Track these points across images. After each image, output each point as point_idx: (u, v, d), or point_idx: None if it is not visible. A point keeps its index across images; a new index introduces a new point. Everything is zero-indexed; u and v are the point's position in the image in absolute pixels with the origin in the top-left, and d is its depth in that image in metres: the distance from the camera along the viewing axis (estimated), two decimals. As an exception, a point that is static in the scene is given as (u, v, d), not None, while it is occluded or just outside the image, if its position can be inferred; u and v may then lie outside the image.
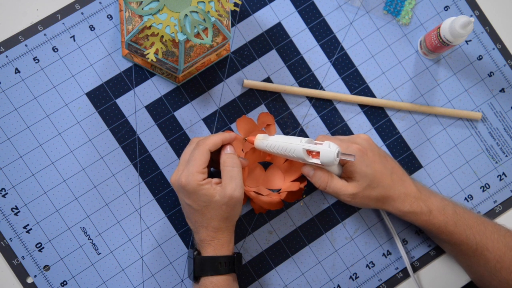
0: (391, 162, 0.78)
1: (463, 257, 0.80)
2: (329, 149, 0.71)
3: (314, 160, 0.73)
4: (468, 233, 0.77)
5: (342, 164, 0.77)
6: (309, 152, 0.74)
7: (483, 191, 0.87)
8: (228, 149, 0.75)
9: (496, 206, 0.87)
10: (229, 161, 0.73)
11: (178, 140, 0.84)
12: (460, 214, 0.78)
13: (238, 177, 0.73)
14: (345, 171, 0.77)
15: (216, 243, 0.74)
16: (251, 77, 0.85)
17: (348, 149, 0.75)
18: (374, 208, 0.82)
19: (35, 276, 0.80)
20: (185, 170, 0.72)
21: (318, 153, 0.73)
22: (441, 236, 0.78)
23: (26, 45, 0.82)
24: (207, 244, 0.74)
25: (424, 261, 0.86)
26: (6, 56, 0.81)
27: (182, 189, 0.72)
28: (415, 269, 0.86)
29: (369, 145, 0.77)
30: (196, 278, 0.75)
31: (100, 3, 0.84)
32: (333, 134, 0.86)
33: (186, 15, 0.72)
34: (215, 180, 0.73)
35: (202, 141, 0.74)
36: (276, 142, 0.76)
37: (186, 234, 0.83)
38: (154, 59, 0.73)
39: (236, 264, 0.75)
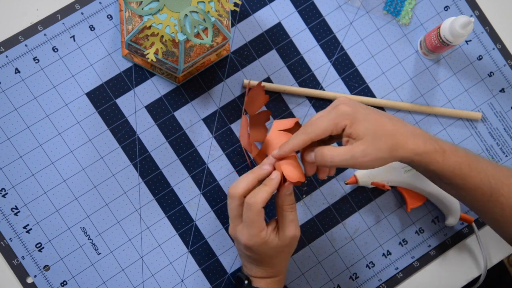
0: (381, 111, 0.73)
1: (478, 203, 0.74)
2: None
3: None
4: (482, 176, 0.71)
5: (341, 130, 0.70)
6: None
7: (483, 191, 0.87)
8: (285, 191, 0.72)
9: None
10: (287, 205, 0.72)
11: (178, 140, 0.84)
12: (473, 156, 0.72)
13: (295, 219, 0.73)
14: (346, 136, 0.70)
15: (271, 281, 0.75)
16: (251, 77, 0.85)
17: (338, 115, 0.69)
18: (393, 161, 0.72)
19: (35, 276, 0.80)
20: (245, 232, 0.71)
21: None
22: (454, 180, 0.71)
23: (26, 45, 0.82)
24: (261, 280, 0.75)
25: (424, 261, 0.86)
26: (6, 56, 0.81)
27: (245, 246, 0.72)
28: (415, 269, 0.86)
29: (354, 103, 0.71)
30: None
31: (100, 3, 0.84)
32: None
33: (186, 15, 0.72)
34: (273, 225, 0.73)
35: (253, 201, 0.70)
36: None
37: (186, 234, 0.83)
38: (154, 59, 0.73)
39: None
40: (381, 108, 0.87)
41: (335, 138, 0.73)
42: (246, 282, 0.75)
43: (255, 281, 0.75)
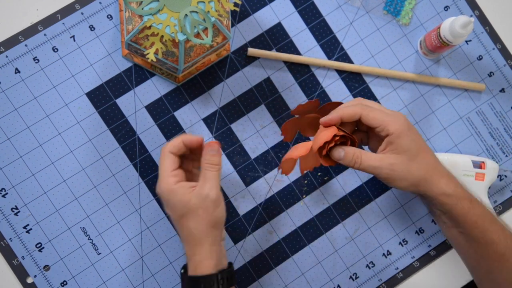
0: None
1: (486, 262, 0.72)
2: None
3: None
4: (500, 234, 0.71)
5: (384, 136, 0.70)
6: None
7: (483, 191, 0.87)
8: (209, 149, 0.72)
9: (497, 206, 0.87)
10: (206, 161, 0.71)
11: (178, 140, 0.84)
12: (494, 214, 0.73)
13: (213, 178, 0.70)
14: (386, 144, 0.70)
15: (196, 260, 0.69)
16: (251, 77, 0.85)
17: (395, 119, 0.69)
18: (411, 191, 0.72)
19: (35, 276, 0.80)
20: (158, 179, 0.71)
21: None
22: (473, 232, 0.71)
23: (26, 45, 0.82)
24: (190, 261, 0.71)
25: (424, 261, 0.86)
26: (6, 56, 0.81)
27: (161, 198, 0.71)
28: (415, 269, 0.86)
29: (410, 124, 0.71)
30: None
31: (100, 3, 0.84)
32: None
33: (186, 15, 0.72)
34: (191, 183, 0.70)
35: (163, 147, 0.72)
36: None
37: (186, 234, 0.83)
38: (154, 59, 0.73)
39: (224, 282, 0.69)
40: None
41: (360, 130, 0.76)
42: (181, 270, 0.72)
43: (188, 267, 0.71)
